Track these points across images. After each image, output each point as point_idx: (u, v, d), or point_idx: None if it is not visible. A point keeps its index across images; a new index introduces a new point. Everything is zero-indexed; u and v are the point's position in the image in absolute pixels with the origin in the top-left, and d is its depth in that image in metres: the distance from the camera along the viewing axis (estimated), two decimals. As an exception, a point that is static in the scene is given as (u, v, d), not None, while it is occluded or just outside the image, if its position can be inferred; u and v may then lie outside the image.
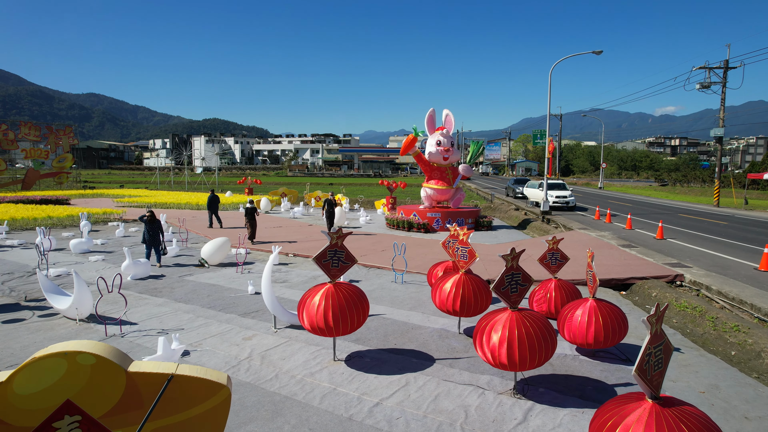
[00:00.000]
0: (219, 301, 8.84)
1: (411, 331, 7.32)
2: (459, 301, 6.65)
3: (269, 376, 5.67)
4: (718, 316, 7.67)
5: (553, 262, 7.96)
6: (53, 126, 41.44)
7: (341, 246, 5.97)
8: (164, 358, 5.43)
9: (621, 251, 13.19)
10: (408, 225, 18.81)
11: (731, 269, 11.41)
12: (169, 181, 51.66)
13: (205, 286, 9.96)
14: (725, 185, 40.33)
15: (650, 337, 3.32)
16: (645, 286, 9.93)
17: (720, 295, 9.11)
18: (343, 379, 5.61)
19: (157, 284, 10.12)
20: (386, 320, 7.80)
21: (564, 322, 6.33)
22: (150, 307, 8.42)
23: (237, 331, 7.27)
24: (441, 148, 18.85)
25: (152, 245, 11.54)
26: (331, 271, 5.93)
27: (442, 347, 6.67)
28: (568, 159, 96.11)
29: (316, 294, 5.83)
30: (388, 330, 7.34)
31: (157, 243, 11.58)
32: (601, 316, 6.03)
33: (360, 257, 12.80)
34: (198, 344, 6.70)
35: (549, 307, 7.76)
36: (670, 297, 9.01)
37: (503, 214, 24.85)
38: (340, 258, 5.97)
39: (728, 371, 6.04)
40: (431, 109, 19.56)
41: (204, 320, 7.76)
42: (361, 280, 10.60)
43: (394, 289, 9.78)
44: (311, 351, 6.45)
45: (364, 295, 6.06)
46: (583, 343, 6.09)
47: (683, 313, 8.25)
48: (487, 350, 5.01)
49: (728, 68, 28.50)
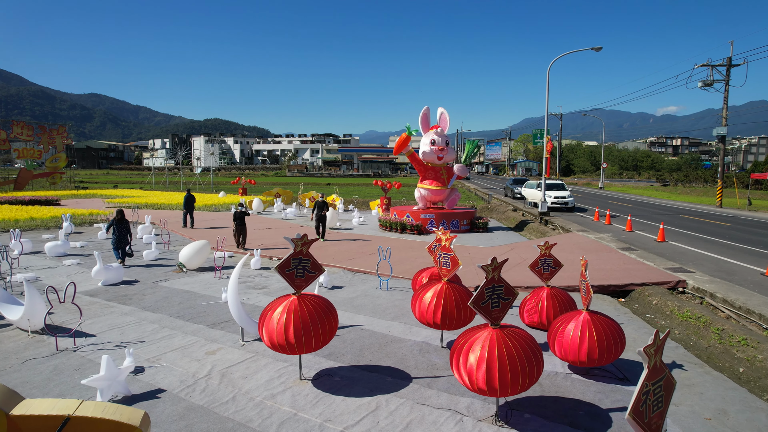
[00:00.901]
0: (189, 310, 8.28)
1: (390, 344, 6.74)
2: (440, 312, 6.07)
3: (226, 398, 5.11)
4: (723, 328, 7.08)
5: (546, 269, 7.39)
6: (47, 125, 40.95)
7: (306, 254, 5.40)
8: (107, 379, 4.87)
9: (620, 255, 12.60)
10: (401, 227, 18.23)
11: (736, 275, 10.81)
12: (164, 181, 51.17)
13: (179, 293, 9.40)
14: (728, 185, 39.67)
15: (648, 372, 2.75)
16: (645, 293, 9.34)
17: (725, 303, 8.52)
18: (306, 402, 5.04)
19: (128, 291, 9.57)
20: (364, 332, 7.23)
21: (555, 337, 5.76)
22: (114, 317, 7.85)
23: (201, 344, 6.70)
24: (435, 147, 18.29)
25: (120, 245, 11.46)
26: (296, 281, 5.36)
27: (422, 363, 6.09)
28: (569, 159, 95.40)
29: (278, 307, 5.26)
30: (365, 343, 6.77)
31: (124, 243, 11.50)
32: (596, 331, 5.45)
33: (346, 261, 12.25)
34: (156, 359, 6.13)
35: (540, 318, 7.19)
36: (671, 305, 8.42)
37: (500, 215, 24.26)
38: (306, 267, 5.40)
39: (737, 392, 5.45)
40: (425, 107, 18.99)
41: (169, 331, 7.19)
42: (345, 286, 10.03)
43: (378, 297, 9.21)
44: (277, 368, 5.88)
45: (332, 308, 5.48)
46: (575, 360, 5.52)
47: (686, 324, 7.66)
48: (464, 373, 4.43)
49: (731, 66, 27.86)
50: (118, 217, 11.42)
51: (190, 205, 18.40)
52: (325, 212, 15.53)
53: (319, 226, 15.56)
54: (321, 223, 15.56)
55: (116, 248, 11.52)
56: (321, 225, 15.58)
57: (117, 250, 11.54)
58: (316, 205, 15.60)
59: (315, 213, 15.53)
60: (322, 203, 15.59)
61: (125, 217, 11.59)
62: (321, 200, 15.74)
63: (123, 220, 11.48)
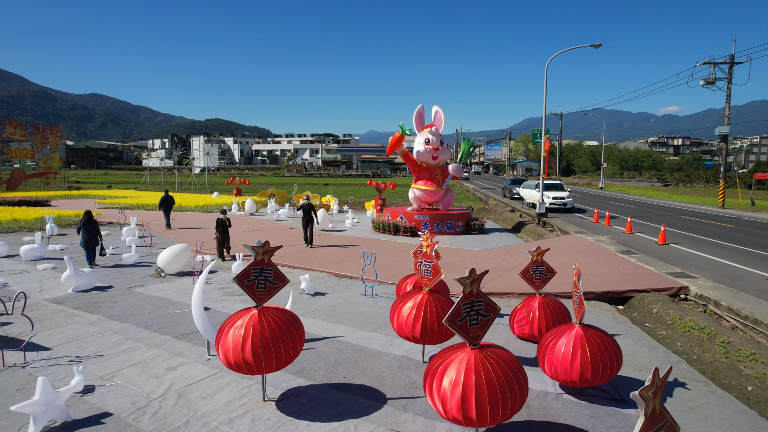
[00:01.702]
0: (159, 319, 7.77)
1: (367, 359, 6.22)
2: (419, 326, 5.56)
3: (178, 423, 4.60)
4: (730, 340, 6.55)
5: (538, 276, 6.88)
6: (40, 125, 40.47)
7: (269, 263, 4.88)
8: (42, 404, 4.36)
9: (619, 258, 12.07)
10: (394, 228, 17.72)
11: (741, 280, 10.27)
12: (159, 181, 50.70)
13: (152, 300, 8.90)
14: (730, 185, 39.09)
15: (645, 420, 2.23)
16: (645, 300, 8.81)
17: (731, 312, 7.99)
18: (266, 428, 4.53)
19: (99, 297, 9.06)
20: (342, 344, 6.71)
21: (545, 354, 5.24)
22: (77, 327, 7.34)
23: (164, 358, 6.19)
24: (430, 146, 17.76)
25: (89, 246, 11.33)
26: (257, 293, 4.84)
27: (400, 381, 5.57)
28: (570, 159, 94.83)
29: (236, 322, 4.75)
30: (341, 357, 6.25)
31: (94, 244, 11.41)
32: (589, 348, 4.94)
33: (333, 265, 11.73)
34: (111, 376, 5.62)
35: (531, 330, 6.68)
36: (673, 314, 7.89)
37: (498, 216, 23.72)
38: (268, 277, 4.89)
39: (746, 416, 4.93)
40: (420, 106, 18.48)
41: (132, 343, 6.68)
42: (329, 293, 9.52)
43: (362, 304, 8.69)
44: (240, 387, 5.37)
45: (297, 323, 4.97)
46: (566, 380, 5.00)
47: (689, 335, 7.13)
48: (437, 399, 3.92)
49: (734, 63, 27.30)
50: (85, 218, 11.27)
51: (168, 206, 18.22)
52: (312, 215, 14.29)
53: (307, 231, 14.28)
54: (308, 227, 14.24)
55: (86, 249, 11.36)
56: (308, 230, 14.25)
57: (88, 251, 11.38)
58: (302, 208, 14.25)
59: (301, 217, 14.33)
60: (309, 206, 14.27)
61: (93, 218, 11.44)
62: (307, 203, 14.35)
63: (91, 221, 11.31)
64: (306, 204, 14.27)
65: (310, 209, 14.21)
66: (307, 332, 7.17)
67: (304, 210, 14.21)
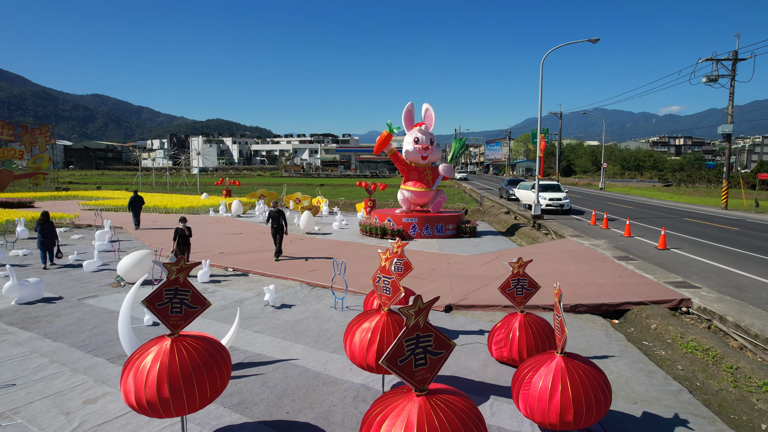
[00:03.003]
0: (99, 337, 6.95)
1: (320, 388, 5.40)
2: (374, 352, 4.74)
3: (70, 479, 3.78)
4: (738, 365, 5.71)
5: (519, 291, 6.06)
6: (28, 125, 39.76)
7: (185, 283, 4.06)
8: None
9: (616, 265, 11.23)
10: (381, 231, 16.89)
11: (749, 290, 9.42)
12: (151, 182, 49.97)
13: (100, 314, 8.08)
14: (733, 185, 38.18)
15: None
16: (643, 314, 7.98)
17: (738, 329, 7.14)
18: (174, 486, 3.71)
19: (42, 311, 8.25)
20: (295, 369, 5.89)
21: (519, 388, 4.41)
22: (2, 348, 6.53)
23: (87, 387, 5.38)
24: (419, 145, 16.96)
25: (45, 249, 11.39)
26: (171, 319, 4.02)
27: (351, 419, 4.75)
28: (570, 159, 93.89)
29: (147, 354, 3.93)
30: (290, 386, 5.43)
31: (50, 246, 11.42)
32: (571, 383, 4.10)
33: (308, 272, 10.91)
34: (13, 413, 4.81)
35: (511, 353, 5.85)
36: (674, 331, 7.06)
37: (492, 218, 22.87)
38: (185, 300, 4.07)
39: (760, 468, 4.10)
40: (409, 103, 17.67)
41: (56, 368, 5.87)
42: (296, 305, 8.69)
43: (329, 319, 7.87)
44: (162, 426, 4.55)
45: (221, 354, 4.14)
46: (543, 422, 4.17)
47: (691, 358, 6.30)
48: (372, 462, 3.09)
49: (737, 60, 26.42)
50: (41, 219, 11.24)
51: (137, 207, 17.92)
52: (282, 223, 12.38)
53: (276, 241, 12.36)
54: (278, 237, 12.33)
55: (41, 251, 11.40)
56: (277, 239, 12.33)
57: (42, 252, 11.42)
58: (270, 215, 12.38)
59: (270, 224, 12.42)
60: (277, 212, 12.32)
61: (49, 219, 11.38)
62: (275, 209, 12.41)
63: (47, 222, 11.27)
64: (275, 210, 12.39)
65: (279, 216, 12.34)
66: (260, 354, 6.36)
67: (273, 217, 12.31)
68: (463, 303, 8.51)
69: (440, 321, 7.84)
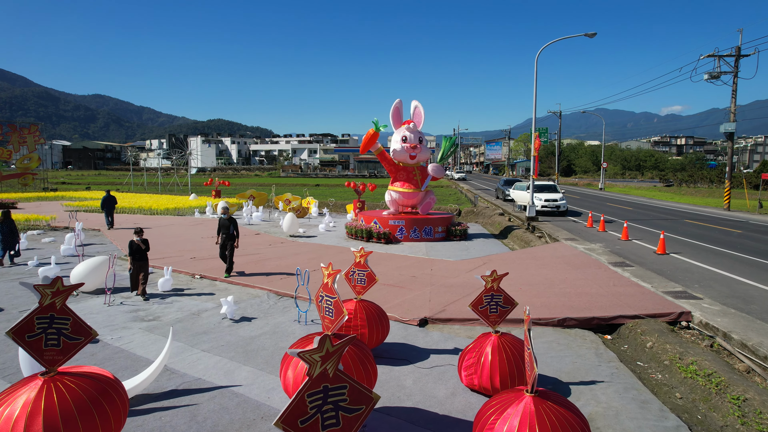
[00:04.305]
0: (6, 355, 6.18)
1: (257, 424, 4.62)
2: (310, 389, 3.95)
3: None
4: (746, 397, 4.93)
5: (493, 308, 5.30)
6: (17, 124, 39.08)
7: (62, 309, 3.29)
8: None
9: (611, 272, 10.44)
10: (367, 234, 16.12)
11: (755, 302, 8.62)
12: (143, 182, 49.25)
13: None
14: (735, 186, 37.33)
15: None
16: (638, 329, 7.19)
17: (744, 348, 6.35)
18: None
19: (-24, 324, 7.49)
20: (234, 399, 5.11)
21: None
22: None
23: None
24: (407, 144, 16.21)
25: (6, 247, 11.41)
26: (45, 354, 3.25)
27: (283, 468, 3.97)
28: (571, 159, 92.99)
29: (12, 400, 3.16)
30: (223, 422, 4.65)
31: (11, 244, 11.48)
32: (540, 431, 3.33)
33: (279, 280, 10.14)
34: None
35: (481, 381, 5.08)
36: (672, 351, 6.27)
37: (486, 219, 22.07)
38: (63, 330, 3.29)
39: None
40: (398, 100, 16.92)
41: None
42: (257, 318, 7.91)
43: (288, 335, 7.09)
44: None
45: (113, 392, 3.36)
46: (509, 480, 3.39)
47: (692, 384, 5.51)
48: None
49: (740, 56, 25.59)
50: (1, 217, 11.42)
51: (110, 207, 17.71)
52: (234, 233, 10.37)
53: (225, 254, 10.37)
54: (227, 249, 10.32)
55: (2, 250, 11.43)
56: (227, 252, 10.33)
57: (2, 251, 11.43)
58: (220, 223, 10.37)
59: (219, 234, 10.36)
60: (227, 220, 10.34)
61: (10, 217, 11.59)
62: (224, 216, 10.43)
63: (7, 219, 11.46)
64: (225, 218, 10.36)
65: (230, 225, 10.31)
66: (199, 379, 5.58)
67: (222, 225, 10.29)
68: (440, 316, 7.73)
69: (413, 337, 7.06)
